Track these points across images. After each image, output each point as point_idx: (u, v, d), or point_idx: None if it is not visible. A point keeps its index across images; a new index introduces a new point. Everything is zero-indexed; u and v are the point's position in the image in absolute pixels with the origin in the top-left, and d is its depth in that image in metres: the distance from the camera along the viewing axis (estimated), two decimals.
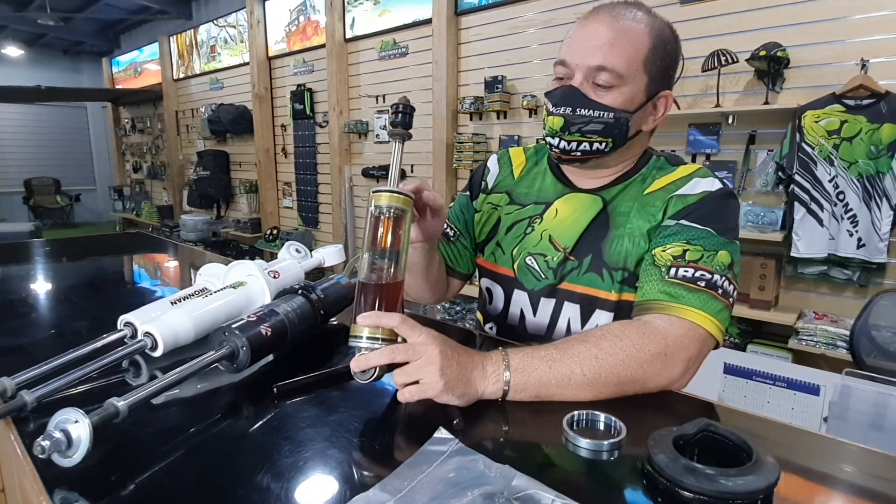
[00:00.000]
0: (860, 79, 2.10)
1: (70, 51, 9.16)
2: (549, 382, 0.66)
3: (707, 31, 2.58)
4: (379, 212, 0.67)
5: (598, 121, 0.81)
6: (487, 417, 0.63)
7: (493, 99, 3.33)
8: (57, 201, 9.21)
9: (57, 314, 1.14)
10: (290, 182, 5.26)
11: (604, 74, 0.79)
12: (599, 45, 0.79)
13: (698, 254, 0.77)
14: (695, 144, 2.67)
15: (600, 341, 0.70)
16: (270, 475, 0.51)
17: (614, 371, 0.67)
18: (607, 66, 0.79)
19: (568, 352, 0.68)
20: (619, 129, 0.83)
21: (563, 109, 0.82)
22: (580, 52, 0.81)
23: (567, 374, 0.66)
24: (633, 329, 0.72)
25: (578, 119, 0.82)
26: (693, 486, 0.46)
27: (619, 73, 0.79)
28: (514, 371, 0.65)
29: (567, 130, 0.83)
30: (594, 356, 0.68)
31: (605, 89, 0.80)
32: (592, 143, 0.83)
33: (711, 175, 0.86)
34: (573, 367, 0.67)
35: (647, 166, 0.90)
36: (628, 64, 0.79)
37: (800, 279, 2.44)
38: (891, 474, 0.55)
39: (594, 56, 0.79)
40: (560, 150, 0.86)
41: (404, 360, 0.63)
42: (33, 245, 1.96)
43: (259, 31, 5.11)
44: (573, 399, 0.66)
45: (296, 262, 1.01)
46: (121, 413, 0.54)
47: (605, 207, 0.89)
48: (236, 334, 0.68)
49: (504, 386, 0.65)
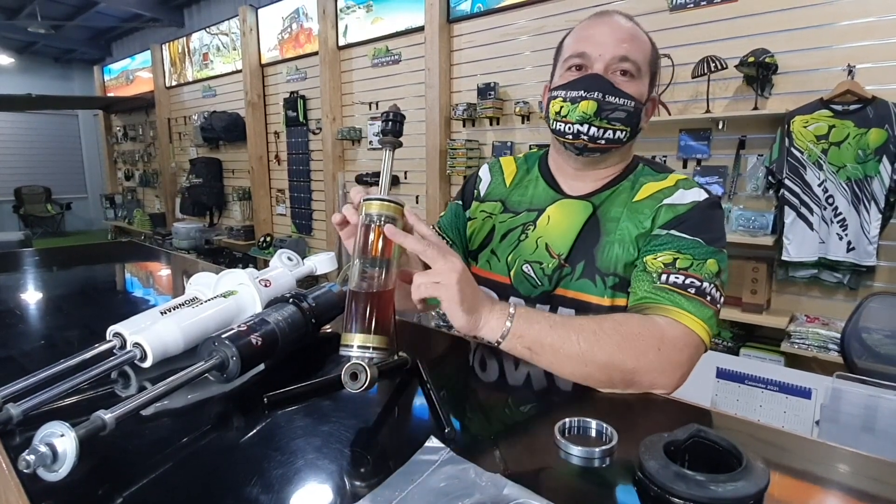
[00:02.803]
0: (847, 84, 2.13)
1: (61, 59, 9.13)
2: (545, 340, 0.69)
3: (696, 37, 2.61)
4: (369, 220, 0.67)
5: (623, 108, 0.84)
6: (479, 426, 0.63)
7: (485, 105, 3.34)
8: (48, 210, 9.14)
9: (46, 324, 1.12)
10: (284, 189, 5.25)
11: (627, 64, 0.83)
12: (622, 38, 0.84)
13: (688, 262, 0.79)
14: (686, 150, 2.70)
15: (602, 322, 0.73)
16: (261, 487, 0.51)
17: (607, 350, 0.69)
18: (631, 56, 0.83)
19: (571, 322, 0.72)
20: (636, 120, 0.86)
21: (596, 94, 0.83)
22: (602, 43, 0.84)
23: (563, 338, 0.69)
24: (635, 319, 0.74)
25: (608, 105, 0.84)
26: (683, 492, 0.46)
27: (638, 66, 0.84)
28: (518, 317, 0.69)
29: (599, 116, 0.84)
30: (593, 331, 0.70)
31: (628, 79, 0.84)
32: (616, 131, 0.85)
33: (697, 185, 0.88)
34: (571, 334, 0.69)
35: (634, 173, 0.92)
36: (644, 57, 0.85)
37: (791, 282, 2.46)
38: (880, 477, 0.56)
39: (618, 47, 0.83)
40: (589, 138, 0.86)
41: (430, 261, 0.66)
42: (23, 254, 1.94)
43: (252, 39, 5.12)
44: (560, 371, 0.69)
45: (287, 270, 1.01)
46: (108, 426, 0.53)
47: (594, 213, 0.90)
48: (226, 344, 0.68)
49: (505, 324, 0.68)
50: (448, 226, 1.05)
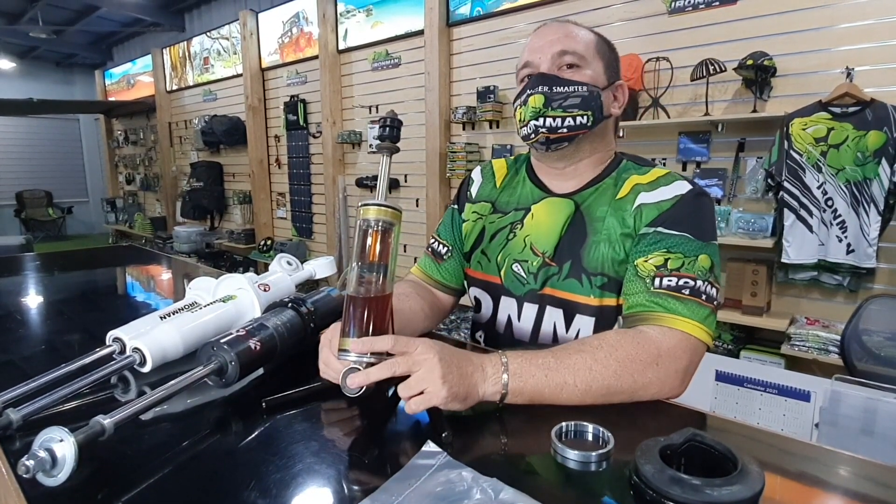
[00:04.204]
0: (846, 87, 2.13)
1: (63, 63, 9.16)
2: (544, 390, 0.68)
3: (695, 40, 2.61)
4: (367, 225, 0.67)
5: (575, 95, 0.86)
6: (475, 430, 0.63)
7: (485, 108, 3.35)
8: (49, 214, 9.15)
9: (46, 329, 1.13)
10: (284, 192, 5.26)
11: (567, 56, 0.87)
12: (557, 38, 0.88)
13: (679, 261, 0.79)
14: (685, 152, 2.70)
15: (596, 352, 0.71)
16: (259, 491, 0.51)
17: (605, 383, 0.69)
18: (568, 49, 0.87)
19: (564, 361, 0.70)
20: (595, 102, 0.87)
21: (541, 88, 0.87)
22: (540, 48, 0.89)
23: (560, 384, 0.68)
24: (628, 340, 0.73)
25: (557, 95, 0.86)
26: (679, 496, 0.47)
27: (580, 54, 0.87)
28: (513, 376, 0.67)
29: (549, 106, 0.86)
30: (588, 367, 0.69)
31: (572, 69, 0.87)
32: (575, 116, 0.86)
33: (679, 178, 0.87)
34: (567, 377, 0.69)
35: (618, 170, 0.92)
36: (585, 47, 0.88)
37: (791, 285, 2.46)
38: (876, 481, 0.56)
39: (555, 45, 0.88)
40: (548, 130, 0.87)
41: (405, 373, 0.63)
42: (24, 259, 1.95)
43: (252, 43, 5.13)
44: (565, 404, 0.69)
45: (286, 274, 1.02)
46: (107, 431, 0.54)
47: (577, 210, 0.90)
48: (225, 349, 0.68)
49: (502, 389, 0.67)
50: (447, 232, 1.06)
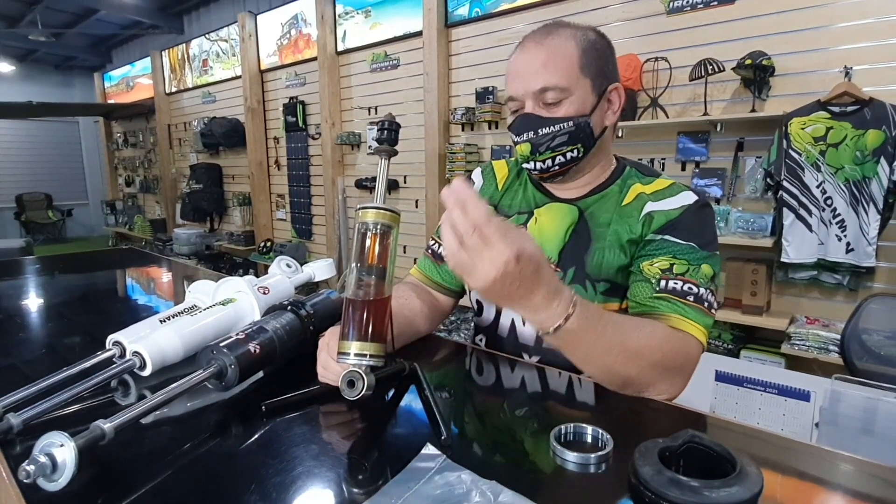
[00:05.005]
0: (844, 86, 2.14)
1: (62, 66, 9.17)
2: (577, 352, 0.71)
3: (693, 40, 2.62)
4: (365, 228, 0.68)
5: (562, 133, 0.85)
6: (475, 433, 0.63)
7: (484, 109, 3.35)
8: (49, 216, 9.16)
9: (47, 332, 1.13)
10: (284, 194, 5.26)
11: (549, 93, 0.84)
12: (535, 70, 0.84)
13: (684, 267, 0.81)
14: (684, 152, 2.70)
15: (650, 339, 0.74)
16: (259, 494, 0.51)
17: (624, 372, 0.72)
18: (549, 85, 0.83)
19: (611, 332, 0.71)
20: (584, 133, 0.86)
21: (526, 135, 0.87)
22: (521, 82, 0.86)
23: (601, 352, 0.71)
24: (672, 339, 0.76)
25: (543, 139, 0.86)
26: (678, 498, 0.47)
27: (562, 87, 0.84)
28: (566, 331, 0.65)
29: (536, 152, 0.87)
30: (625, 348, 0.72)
31: (556, 105, 0.85)
32: (566, 153, 0.87)
33: (685, 187, 0.88)
34: (605, 356, 0.71)
35: (622, 177, 0.93)
36: (567, 75, 0.84)
37: (791, 284, 2.46)
38: (875, 482, 0.56)
39: (534, 81, 0.84)
40: (539, 171, 0.90)
41: (467, 243, 0.58)
42: (24, 262, 1.95)
43: (251, 45, 5.14)
44: (583, 370, 0.74)
45: (286, 277, 1.02)
46: (107, 435, 0.54)
47: (581, 217, 0.91)
48: (224, 353, 0.68)
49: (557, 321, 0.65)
50: None
